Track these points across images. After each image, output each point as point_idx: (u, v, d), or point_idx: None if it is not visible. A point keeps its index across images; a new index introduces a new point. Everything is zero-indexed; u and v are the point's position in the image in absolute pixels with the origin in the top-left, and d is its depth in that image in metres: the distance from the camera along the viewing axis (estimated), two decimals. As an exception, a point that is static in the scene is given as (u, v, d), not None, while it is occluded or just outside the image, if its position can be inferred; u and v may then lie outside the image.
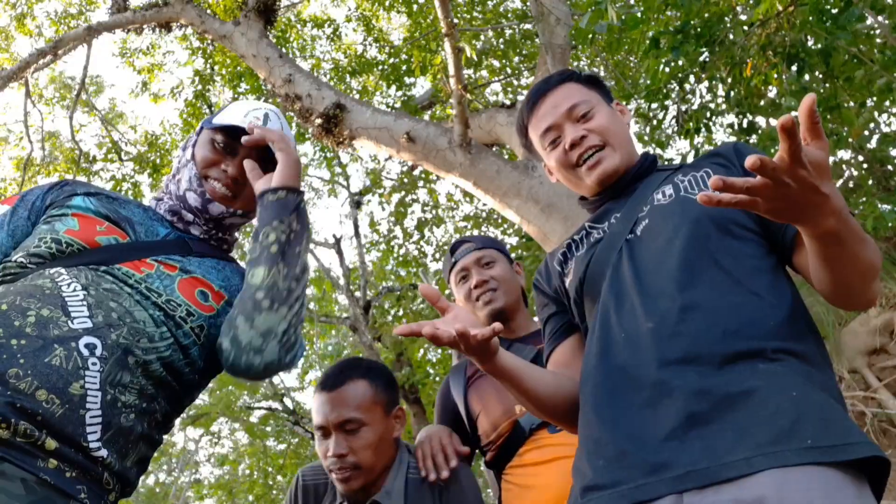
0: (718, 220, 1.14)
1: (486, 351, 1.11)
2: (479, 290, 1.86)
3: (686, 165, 1.33)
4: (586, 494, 1.03)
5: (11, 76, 6.10)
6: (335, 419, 1.59)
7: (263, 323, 1.14)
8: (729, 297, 1.05)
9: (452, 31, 3.76)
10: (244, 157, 1.32)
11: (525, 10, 7.82)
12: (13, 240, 1.22)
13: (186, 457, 17.00)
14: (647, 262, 1.16)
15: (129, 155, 8.85)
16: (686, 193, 1.21)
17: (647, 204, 1.26)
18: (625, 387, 1.06)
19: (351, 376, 1.66)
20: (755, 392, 0.95)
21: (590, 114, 1.34)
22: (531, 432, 1.63)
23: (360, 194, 10.29)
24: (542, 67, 5.59)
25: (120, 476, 1.04)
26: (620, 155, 1.33)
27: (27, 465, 0.93)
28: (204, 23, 6.08)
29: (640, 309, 1.10)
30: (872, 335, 5.41)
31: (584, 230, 1.37)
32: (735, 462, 0.90)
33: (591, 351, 1.17)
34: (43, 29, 8.21)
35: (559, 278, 1.37)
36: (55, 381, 0.96)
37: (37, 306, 1.02)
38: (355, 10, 8.79)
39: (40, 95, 9.05)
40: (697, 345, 1.02)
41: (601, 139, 1.33)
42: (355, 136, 5.07)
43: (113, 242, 1.19)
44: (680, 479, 0.93)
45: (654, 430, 0.98)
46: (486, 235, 2.25)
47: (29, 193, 1.29)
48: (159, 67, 8.76)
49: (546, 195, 4.16)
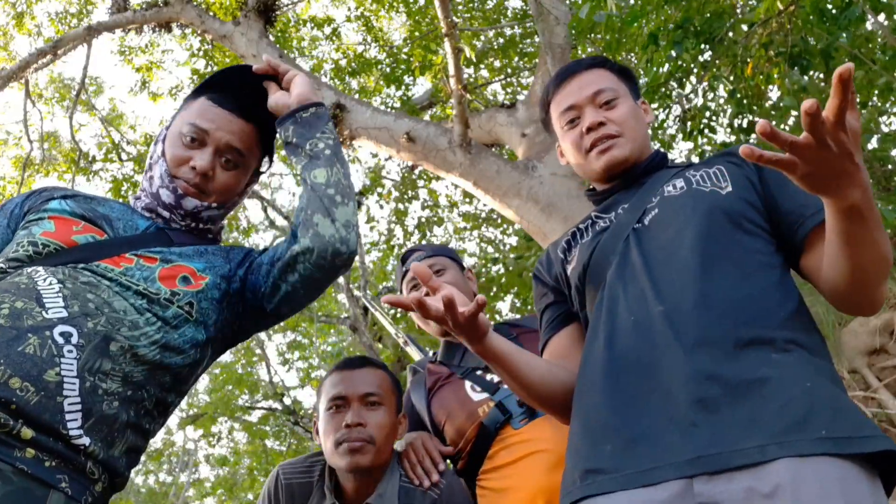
0: (730, 213, 1.14)
1: (475, 328, 1.08)
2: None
3: (697, 163, 1.33)
4: (589, 477, 1.01)
5: (11, 76, 6.10)
6: (358, 390, 1.60)
7: (342, 215, 1.20)
8: (740, 288, 1.05)
9: (452, 31, 3.75)
10: (216, 148, 1.30)
11: (524, 9, 7.82)
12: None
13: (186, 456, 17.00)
14: (657, 251, 1.15)
15: (129, 155, 8.85)
16: (698, 187, 1.21)
17: (657, 195, 1.25)
18: (635, 371, 1.05)
19: (371, 363, 1.70)
20: (768, 381, 0.95)
21: (613, 102, 1.35)
22: (496, 431, 1.61)
23: (360, 194, 10.29)
24: (542, 67, 5.58)
25: (106, 465, 1.02)
26: (633, 146, 1.33)
27: (2, 455, 0.91)
28: (204, 23, 6.08)
29: (651, 294, 1.09)
30: (872, 335, 5.41)
31: (590, 219, 1.37)
32: (748, 449, 0.89)
33: (596, 336, 1.16)
34: (42, 29, 8.22)
35: (560, 265, 1.36)
36: (29, 369, 0.95)
37: (11, 300, 1.02)
38: (355, 9, 8.79)
39: (40, 95, 9.05)
40: (710, 330, 1.01)
41: (618, 129, 1.33)
42: (355, 136, 5.06)
43: (90, 241, 1.19)
44: (690, 464, 0.92)
45: (665, 415, 0.97)
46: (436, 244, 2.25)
47: (8, 203, 1.30)
48: (158, 66, 8.76)
49: (546, 195, 4.16)
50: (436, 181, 8.92)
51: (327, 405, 1.63)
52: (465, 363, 1.77)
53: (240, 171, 1.36)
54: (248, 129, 1.34)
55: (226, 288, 1.26)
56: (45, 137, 8.50)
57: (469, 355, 1.78)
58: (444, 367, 1.82)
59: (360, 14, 8.71)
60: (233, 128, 1.32)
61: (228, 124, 1.31)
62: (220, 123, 1.31)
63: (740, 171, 1.22)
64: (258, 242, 11.73)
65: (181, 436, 16.83)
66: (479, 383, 1.71)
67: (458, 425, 1.68)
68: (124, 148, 8.98)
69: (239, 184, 1.37)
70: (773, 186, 1.18)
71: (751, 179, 1.20)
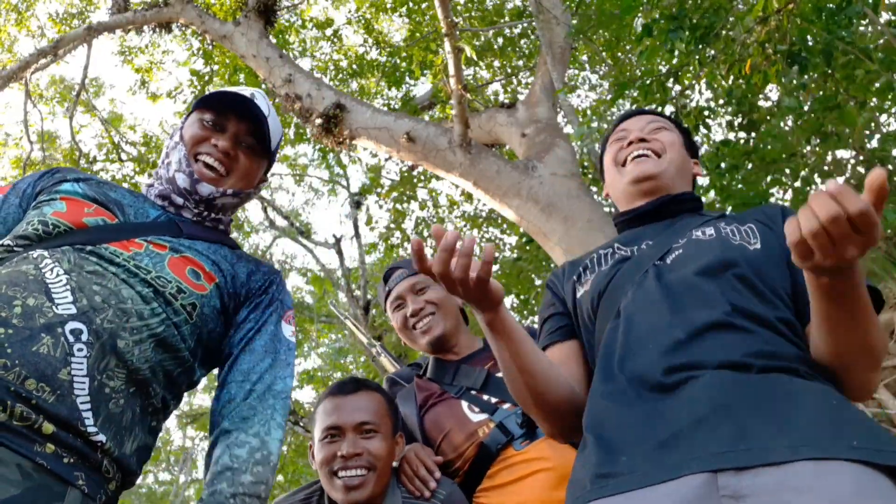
0: (756, 267, 1.14)
1: (486, 293, 1.02)
2: (415, 318, 1.83)
3: (729, 215, 1.33)
4: (601, 480, 0.97)
5: (11, 76, 6.10)
6: (352, 419, 1.55)
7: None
8: (762, 329, 1.05)
9: (452, 31, 3.75)
10: (234, 133, 1.32)
11: (524, 8, 7.82)
12: (4, 227, 1.23)
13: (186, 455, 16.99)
14: (678, 284, 1.14)
15: (129, 155, 8.86)
16: (729, 238, 1.21)
17: (684, 238, 1.25)
18: (654, 390, 1.02)
19: (367, 386, 1.65)
20: (794, 395, 0.94)
21: (661, 131, 1.38)
22: (498, 452, 1.60)
23: (359, 194, 10.29)
24: (542, 67, 5.58)
25: (120, 463, 1.03)
26: (668, 169, 1.34)
27: (24, 449, 0.91)
28: (204, 23, 6.08)
29: (670, 318, 1.08)
30: (872, 335, 5.40)
31: (612, 248, 1.35)
32: (778, 448, 0.87)
33: (610, 356, 1.13)
34: (45, 30, 8.22)
35: (572, 286, 1.35)
36: (43, 369, 0.95)
37: (22, 295, 1.01)
38: (355, 11, 8.79)
39: (41, 96, 9.05)
40: (733, 353, 1.01)
41: (661, 148, 1.36)
42: (355, 136, 5.06)
43: (101, 223, 1.19)
44: (716, 458, 0.89)
45: (691, 420, 0.95)
46: None
47: (20, 181, 1.30)
48: (159, 66, 8.76)
49: (546, 195, 4.16)
50: (435, 181, 8.92)
51: (322, 434, 1.58)
52: (458, 382, 1.75)
53: (257, 160, 1.37)
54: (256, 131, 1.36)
55: (226, 301, 1.26)
56: (44, 137, 8.50)
57: (461, 374, 1.76)
58: (435, 385, 1.79)
59: (360, 17, 8.71)
60: (247, 122, 1.34)
61: (244, 118, 1.34)
62: (237, 116, 1.34)
63: (771, 233, 1.22)
64: (258, 242, 11.73)
65: (180, 435, 16.83)
66: (477, 403, 1.69)
67: (455, 444, 1.66)
68: (123, 148, 8.99)
69: (256, 172, 1.39)
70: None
71: (779, 242, 1.19)
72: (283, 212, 10.98)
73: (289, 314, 1.34)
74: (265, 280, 1.32)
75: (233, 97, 1.32)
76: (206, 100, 1.33)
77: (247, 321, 1.28)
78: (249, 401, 1.19)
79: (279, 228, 11.24)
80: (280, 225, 11.21)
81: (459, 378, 1.76)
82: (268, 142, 1.37)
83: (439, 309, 1.83)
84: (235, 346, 1.25)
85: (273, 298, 1.32)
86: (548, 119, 5.17)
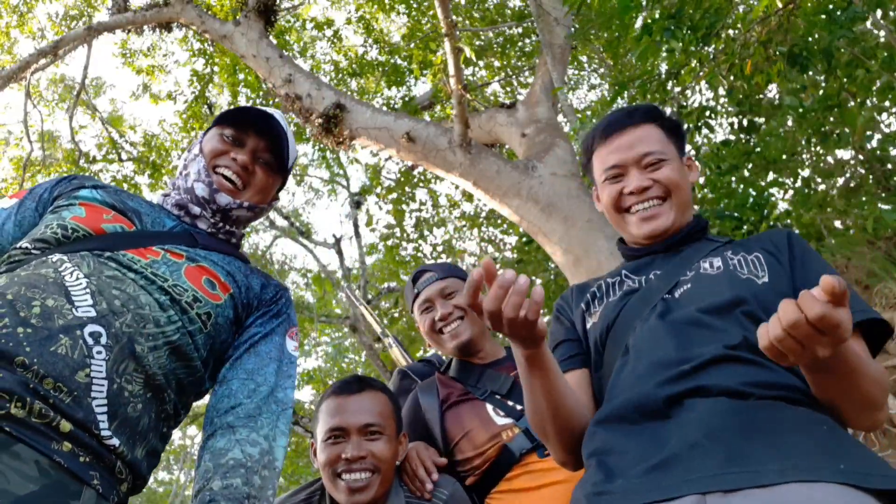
0: (763, 303, 1.14)
1: (532, 332, 1.01)
2: (443, 322, 1.86)
3: (736, 242, 1.32)
4: (596, 498, 1.00)
5: (11, 76, 6.10)
6: (357, 421, 1.53)
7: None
8: (766, 361, 1.05)
9: (452, 32, 3.75)
10: (253, 149, 1.35)
11: (524, 7, 7.82)
12: (20, 230, 1.24)
13: (185, 455, 16.99)
14: (686, 321, 1.15)
15: (129, 155, 8.86)
16: (736, 271, 1.21)
17: (692, 270, 1.25)
18: (655, 418, 1.04)
19: (371, 386, 1.63)
20: (785, 420, 0.96)
21: (660, 164, 1.32)
22: (521, 457, 1.61)
23: (359, 194, 10.29)
24: (542, 67, 5.59)
25: (132, 467, 1.03)
26: (676, 214, 1.32)
27: (41, 446, 0.91)
28: (204, 23, 6.08)
29: (675, 354, 1.10)
30: (873, 335, 5.39)
31: (619, 276, 1.34)
32: (766, 471, 0.89)
33: (617, 387, 1.15)
34: (46, 32, 8.22)
35: (581, 315, 1.34)
36: (61, 370, 0.96)
37: (41, 296, 1.01)
38: (355, 11, 8.79)
39: (41, 96, 9.06)
40: (729, 381, 1.03)
41: (664, 191, 1.31)
42: (355, 136, 5.06)
43: (119, 230, 1.20)
44: (705, 480, 0.91)
45: (684, 445, 0.97)
46: (447, 263, 2.27)
47: (38, 186, 1.32)
48: (161, 70, 8.77)
49: (546, 195, 4.16)
50: (435, 181, 8.92)
51: (325, 435, 1.56)
52: (483, 385, 1.78)
53: (273, 176, 1.41)
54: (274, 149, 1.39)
55: (240, 311, 1.27)
56: (45, 137, 8.50)
57: (487, 378, 1.79)
58: (459, 384, 1.82)
59: (360, 17, 8.71)
60: (266, 139, 1.38)
61: (263, 135, 1.37)
62: (256, 132, 1.37)
63: (778, 265, 1.22)
64: (258, 242, 11.73)
65: (179, 435, 16.82)
66: (503, 408, 1.71)
67: (477, 443, 1.67)
68: (123, 147, 8.98)
69: (271, 188, 1.42)
70: (799, 280, 1.18)
71: (788, 274, 1.20)
72: (283, 212, 10.98)
73: (293, 330, 1.35)
74: (275, 293, 1.35)
75: (254, 113, 1.35)
76: (226, 115, 1.37)
77: (254, 325, 1.29)
78: (255, 400, 1.19)
79: (279, 228, 11.24)
80: (280, 225, 11.22)
81: (484, 381, 1.79)
82: (284, 160, 1.40)
83: (467, 314, 1.87)
84: (240, 346, 1.26)
85: (281, 311, 1.34)
86: (548, 119, 5.17)
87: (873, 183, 5.09)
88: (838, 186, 5.33)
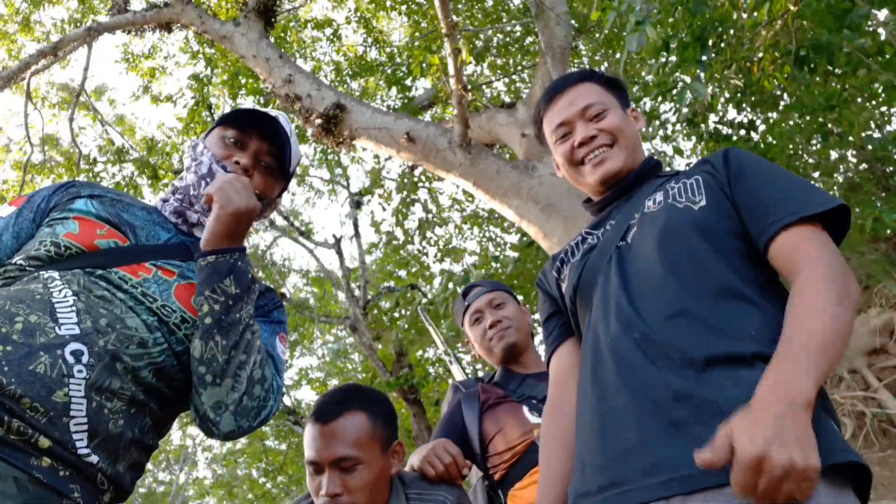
0: (703, 229, 1.14)
1: None
2: (493, 329, 2.01)
3: (682, 172, 1.33)
4: (578, 501, 1.07)
5: (12, 76, 6.10)
6: (329, 455, 1.44)
7: (210, 397, 1.12)
8: (712, 304, 1.05)
9: (452, 31, 3.76)
10: (255, 152, 1.35)
11: (524, 7, 7.82)
12: (17, 242, 1.23)
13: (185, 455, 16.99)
14: (633, 271, 1.17)
15: (129, 156, 8.85)
16: (674, 201, 1.21)
17: (639, 211, 1.26)
18: (614, 396, 1.06)
19: (349, 408, 1.51)
20: (737, 401, 0.94)
21: (603, 114, 1.38)
22: None
23: (360, 194, 10.29)
24: (542, 67, 5.59)
25: (112, 480, 1.03)
26: (625, 156, 1.36)
27: (20, 462, 0.91)
28: (204, 23, 6.08)
29: (626, 316, 1.11)
30: (872, 335, 5.41)
31: (581, 236, 1.39)
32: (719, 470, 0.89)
33: (584, 361, 1.18)
34: (50, 36, 8.22)
35: (556, 281, 1.39)
36: (38, 390, 0.95)
37: (25, 312, 1.01)
38: (355, 11, 8.79)
39: (43, 99, 9.06)
40: (679, 350, 1.02)
41: (610, 138, 1.36)
42: (355, 136, 5.07)
43: (112, 246, 1.19)
44: (664, 486, 0.94)
45: (638, 437, 0.99)
46: (493, 280, 2.58)
47: (35, 195, 1.30)
48: (163, 72, 8.77)
49: (546, 195, 4.17)
50: (436, 181, 8.92)
51: (306, 464, 1.51)
52: (522, 391, 1.90)
53: (275, 178, 1.40)
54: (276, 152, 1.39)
55: None
56: (45, 139, 8.51)
57: (526, 385, 1.92)
58: (500, 389, 1.94)
59: (360, 17, 8.72)
60: (268, 143, 1.37)
61: (265, 138, 1.37)
62: (258, 136, 1.37)
63: (713, 181, 1.21)
64: (258, 242, 11.73)
65: (179, 435, 16.83)
66: (538, 410, 1.81)
67: (509, 439, 1.77)
68: (124, 147, 8.98)
69: (273, 191, 1.41)
70: (737, 195, 1.17)
71: (723, 189, 1.20)
72: (283, 212, 10.98)
73: (284, 336, 1.36)
74: (271, 303, 1.36)
75: (256, 115, 1.34)
76: (229, 117, 1.36)
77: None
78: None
79: (279, 228, 11.24)
80: (280, 225, 11.22)
81: (524, 388, 1.92)
82: (286, 164, 1.39)
83: (514, 323, 2.04)
84: None
85: (275, 318, 1.34)
86: (548, 119, 5.16)
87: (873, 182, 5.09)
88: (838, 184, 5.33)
